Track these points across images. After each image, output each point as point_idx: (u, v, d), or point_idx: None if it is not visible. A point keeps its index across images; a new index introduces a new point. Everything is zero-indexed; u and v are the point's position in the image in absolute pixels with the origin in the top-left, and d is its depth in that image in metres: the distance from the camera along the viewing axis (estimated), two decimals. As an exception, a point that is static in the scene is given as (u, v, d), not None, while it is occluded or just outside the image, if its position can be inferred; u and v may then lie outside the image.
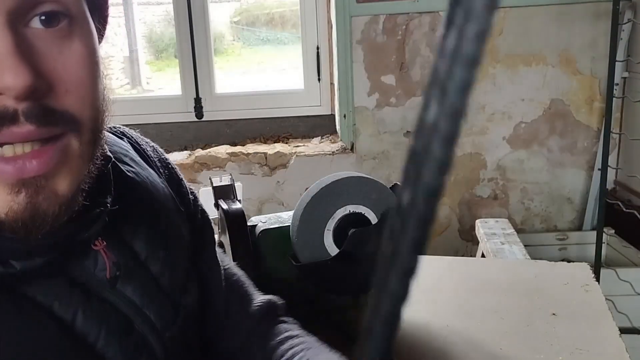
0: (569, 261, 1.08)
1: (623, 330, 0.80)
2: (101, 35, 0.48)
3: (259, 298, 0.67)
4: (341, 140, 2.13)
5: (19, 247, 0.42)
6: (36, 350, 0.43)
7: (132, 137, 0.63)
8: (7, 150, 0.39)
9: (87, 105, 0.42)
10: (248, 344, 0.64)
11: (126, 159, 0.57)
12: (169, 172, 0.64)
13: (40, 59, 0.39)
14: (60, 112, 0.40)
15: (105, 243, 0.49)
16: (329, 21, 2.12)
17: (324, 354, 0.61)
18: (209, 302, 0.63)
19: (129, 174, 0.55)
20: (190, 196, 0.66)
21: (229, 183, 0.84)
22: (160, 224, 0.57)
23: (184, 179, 0.66)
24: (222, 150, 2.15)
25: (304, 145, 2.17)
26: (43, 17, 0.40)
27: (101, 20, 0.48)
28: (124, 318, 0.49)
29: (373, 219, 0.77)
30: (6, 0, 0.37)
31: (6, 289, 0.43)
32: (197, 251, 0.63)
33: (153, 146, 0.65)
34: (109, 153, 0.51)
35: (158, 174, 0.61)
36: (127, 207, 0.52)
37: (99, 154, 0.46)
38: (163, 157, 0.65)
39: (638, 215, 1.73)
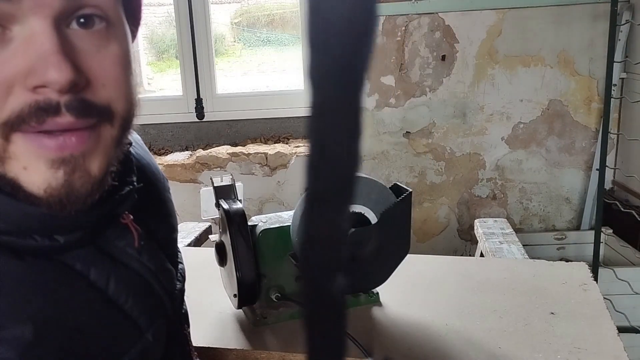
0: (567, 260, 1.09)
1: (621, 329, 0.80)
2: (134, 36, 0.53)
3: None
4: (341, 140, 2.13)
5: (63, 222, 0.47)
6: (77, 313, 0.49)
7: None
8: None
9: (121, 98, 0.47)
10: None
11: (133, 142, 0.63)
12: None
13: (80, 57, 0.44)
14: (97, 105, 0.45)
15: (132, 217, 0.55)
16: (329, 22, 2.13)
17: None
18: None
19: (136, 156, 0.61)
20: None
21: (230, 183, 0.85)
22: (159, 197, 0.65)
23: None
24: (223, 150, 2.16)
25: (304, 146, 2.18)
26: (82, 20, 0.44)
27: (134, 22, 0.54)
28: (145, 282, 0.55)
29: (373, 219, 0.78)
30: (53, 5, 0.42)
31: (49, 259, 0.48)
32: None
33: None
34: None
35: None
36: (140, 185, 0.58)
37: (127, 141, 0.50)
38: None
39: (636, 215, 1.74)
